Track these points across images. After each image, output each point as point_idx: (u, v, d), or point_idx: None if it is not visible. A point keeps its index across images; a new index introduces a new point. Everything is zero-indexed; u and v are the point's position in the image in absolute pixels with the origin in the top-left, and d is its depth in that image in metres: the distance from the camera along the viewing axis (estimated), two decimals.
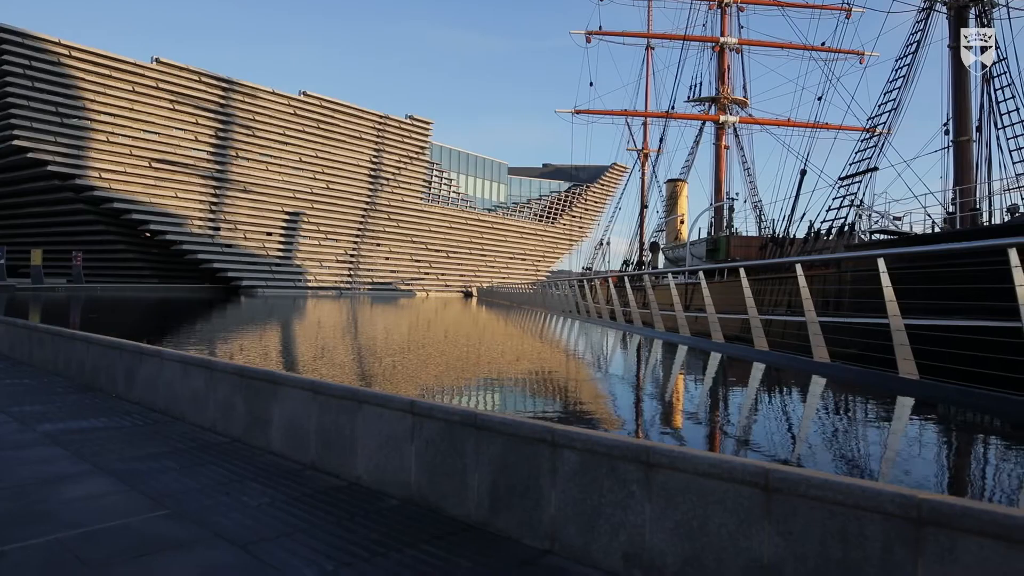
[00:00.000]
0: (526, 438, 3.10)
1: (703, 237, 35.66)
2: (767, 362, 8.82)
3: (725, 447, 4.77)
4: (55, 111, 46.87)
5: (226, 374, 5.23)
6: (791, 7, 36.75)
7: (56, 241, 51.73)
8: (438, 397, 6.96)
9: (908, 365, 6.28)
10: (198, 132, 54.43)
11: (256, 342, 14.49)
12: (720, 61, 38.72)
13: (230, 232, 57.20)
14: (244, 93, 56.97)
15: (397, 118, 69.76)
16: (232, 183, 56.92)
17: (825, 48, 32.14)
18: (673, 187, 43.45)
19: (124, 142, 50.16)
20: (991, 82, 19.72)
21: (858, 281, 13.64)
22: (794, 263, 8.98)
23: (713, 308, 10.53)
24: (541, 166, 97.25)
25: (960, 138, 19.97)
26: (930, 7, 20.64)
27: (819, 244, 21.33)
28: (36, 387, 7.42)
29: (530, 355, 12.85)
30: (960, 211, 18.11)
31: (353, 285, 67.43)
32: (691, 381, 8.85)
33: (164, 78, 51.87)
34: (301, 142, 61.33)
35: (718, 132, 38.86)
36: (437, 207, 77.15)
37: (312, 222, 63.44)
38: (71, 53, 47.25)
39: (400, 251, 72.81)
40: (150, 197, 51.64)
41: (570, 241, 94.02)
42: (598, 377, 9.30)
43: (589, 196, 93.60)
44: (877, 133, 21.11)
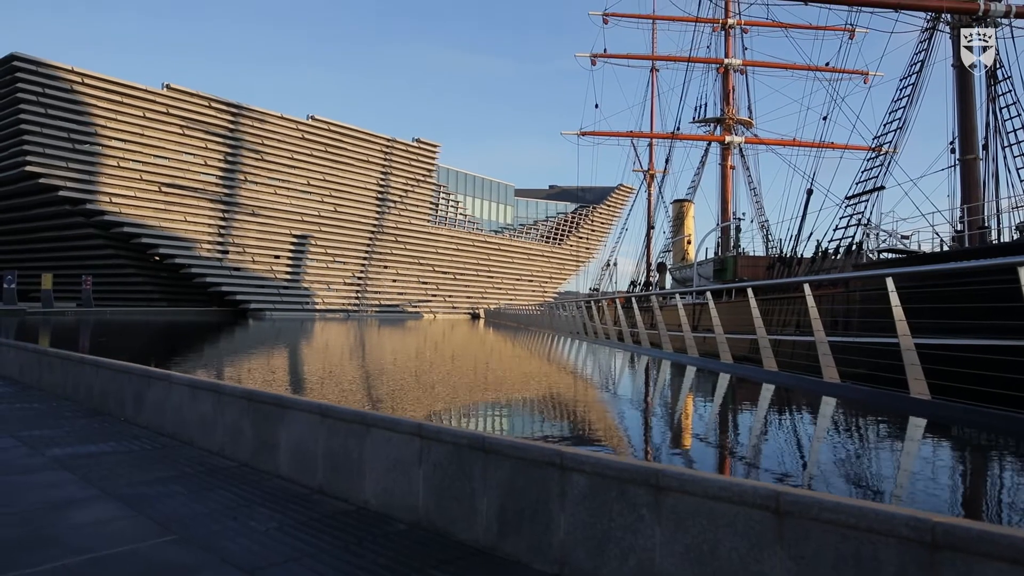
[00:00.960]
0: (535, 461, 3.08)
1: (710, 257, 35.61)
2: (776, 383, 8.77)
3: (735, 470, 4.72)
4: (67, 137, 47.49)
5: (234, 398, 5.24)
6: (794, 28, 37.01)
7: (66, 265, 52.12)
8: (446, 420, 6.93)
9: (919, 385, 6.23)
10: (207, 157, 55.00)
11: (264, 365, 14.51)
12: (725, 82, 38.94)
13: (238, 255, 57.53)
14: (253, 118, 57.62)
15: (404, 141, 70.33)
16: (241, 207, 57.37)
17: (829, 68, 32.31)
18: (679, 207, 43.48)
19: (135, 167, 50.71)
20: (996, 100, 19.75)
21: (867, 300, 13.57)
22: (802, 283, 8.96)
23: (721, 328, 10.49)
24: (547, 188, 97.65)
25: (966, 156, 19.96)
26: (933, 27, 20.74)
27: (827, 263, 21.26)
28: (45, 411, 7.44)
29: (538, 377, 12.81)
30: (968, 229, 18.03)
31: (360, 307, 67.55)
32: (700, 402, 8.80)
33: (175, 104, 52.55)
34: (309, 166, 61.85)
35: (724, 152, 38.95)
36: (444, 229, 77.45)
37: (320, 245, 63.76)
38: (84, 80, 47.97)
39: (407, 273, 73.00)
40: (159, 221, 52.08)
41: (577, 262, 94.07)
42: (606, 399, 9.26)
43: (596, 217, 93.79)
44: (883, 152, 21.12)
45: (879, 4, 20.92)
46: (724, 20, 38.32)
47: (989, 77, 20.04)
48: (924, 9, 20.65)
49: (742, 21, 38.12)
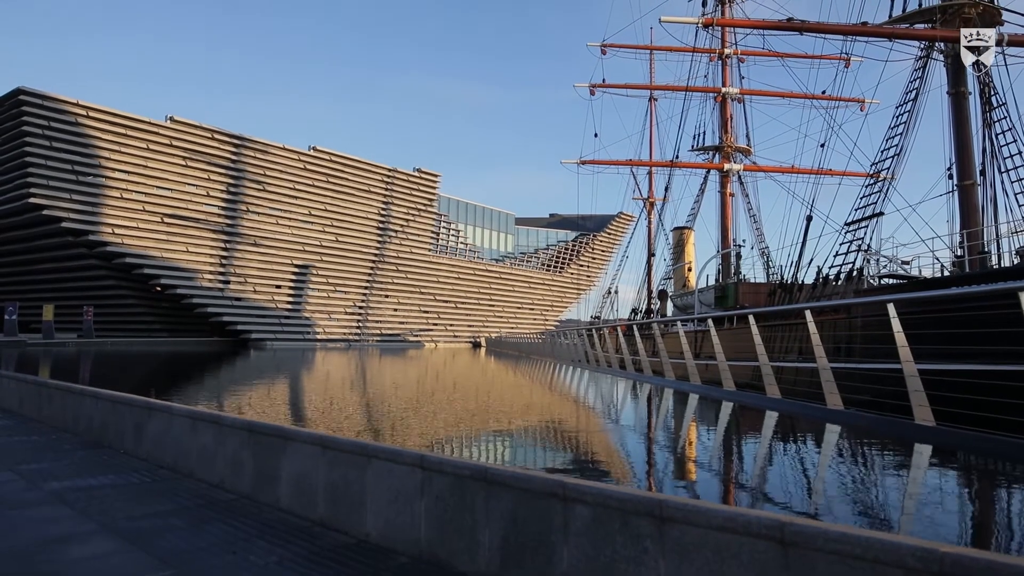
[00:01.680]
0: (537, 492, 3.06)
1: (711, 284, 35.63)
2: (780, 410, 8.72)
3: (740, 499, 4.68)
4: (71, 169, 47.89)
5: (235, 429, 5.21)
6: (790, 57, 37.46)
7: (68, 296, 52.20)
8: (448, 450, 6.89)
9: (924, 411, 6.19)
10: (210, 187, 55.39)
11: (265, 396, 14.45)
12: (723, 110, 39.34)
13: (240, 285, 57.63)
14: (255, 149, 58.14)
15: (405, 171, 70.85)
16: (242, 237, 57.62)
17: (825, 96, 32.64)
18: (680, 235, 43.63)
19: (137, 198, 51.05)
20: (991, 127, 19.93)
21: (869, 327, 13.55)
22: (804, 309, 8.95)
23: (723, 356, 10.46)
24: (548, 216, 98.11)
25: (964, 182, 20.09)
26: (927, 56, 21.02)
27: (828, 289, 21.26)
28: (44, 444, 7.40)
29: (540, 406, 12.74)
30: (968, 254, 18.07)
31: (361, 337, 67.45)
32: (703, 431, 8.74)
33: (178, 136, 53.07)
34: (311, 196, 62.24)
35: (723, 180, 39.20)
36: (445, 258, 77.65)
37: (321, 274, 63.89)
38: (88, 113, 48.52)
39: (408, 302, 73.02)
40: (161, 252, 52.27)
41: (578, 290, 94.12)
42: (609, 428, 9.20)
43: (596, 245, 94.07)
44: (881, 178, 21.25)
45: (873, 34, 21.22)
46: (721, 50, 38.83)
47: (984, 103, 20.26)
48: (917, 38, 20.95)
49: (739, 51, 38.64)
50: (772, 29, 24.78)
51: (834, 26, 22.06)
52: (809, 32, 22.30)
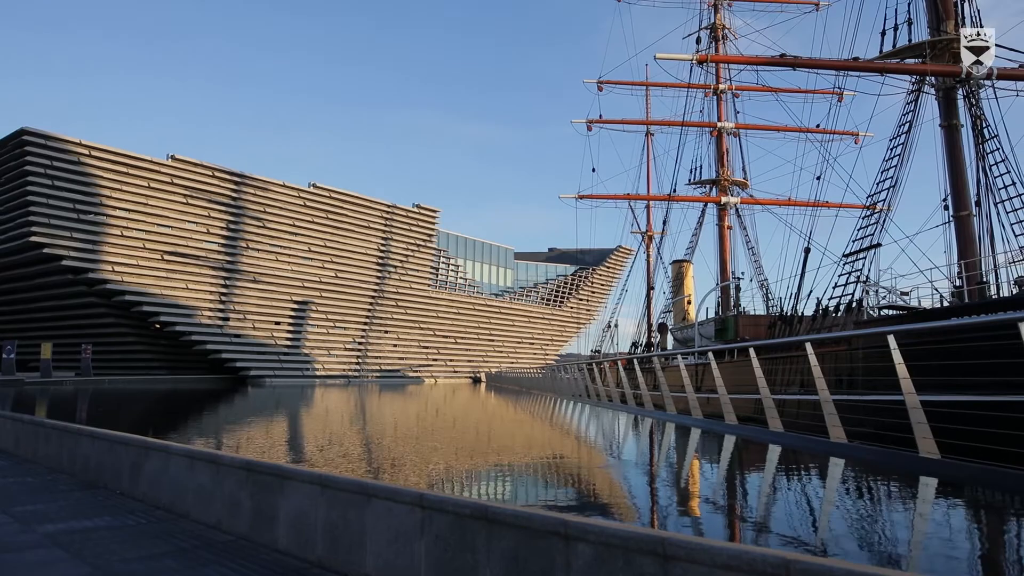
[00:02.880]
0: (538, 531, 3.01)
1: (711, 317, 35.61)
2: (783, 444, 8.64)
3: (744, 536, 4.61)
4: (72, 208, 48.15)
5: (232, 468, 5.15)
6: (784, 92, 37.98)
7: (66, 334, 52.05)
8: (448, 487, 6.81)
9: (928, 444, 6.14)
10: (210, 225, 55.65)
11: (263, 433, 14.33)
12: (719, 144, 39.75)
13: (239, 322, 57.54)
14: (255, 186, 58.55)
15: (404, 207, 71.28)
16: (242, 274, 57.71)
17: (820, 130, 32.97)
18: (678, 268, 43.74)
19: (138, 236, 51.25)
20: (984, 158, 20.11)
21: (870, 358, 13.51)
22: (804, 342, 8.93)
23: (725, 389, 10.41)
24: (547, 250, 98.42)
25: (960, 213, 20.21)
26: (919, 89, 21.30)
27: (828, 321, 21.23)
28: (39, 485, 7.31)
29: (541, 441, 12.63)
30: (967, 285, 18.10)
31: (361, 373, 67.12)
32: (706, 466, 8.65)
33: (179, 174, 53.50)
34: (310, 232, 62.51)
35: (720, 213, 39.43)
36: (444, 293, 77.70)
37: (320, 311, 63.85)
38: (91, 152, 48.96)
39: (408, 338, 72.84)
40: (161, 289, 52.30)
41: (578, 324, 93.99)
42: (611, 463, 9.10)
43: (595, 279, 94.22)
44: (878, 210, 21.38)
45: (865, 69, 21.56)
46: (715, 86, 39.41)
47: (976, 136, 20.48)
48: (909, 72, 21.27)
49: (733, 86, 39.20)
50: (765, 65, 25.20)
51: (826, 61, 22.41)
52: (802, 67, 22.63)
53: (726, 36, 39.97)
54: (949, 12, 20.86)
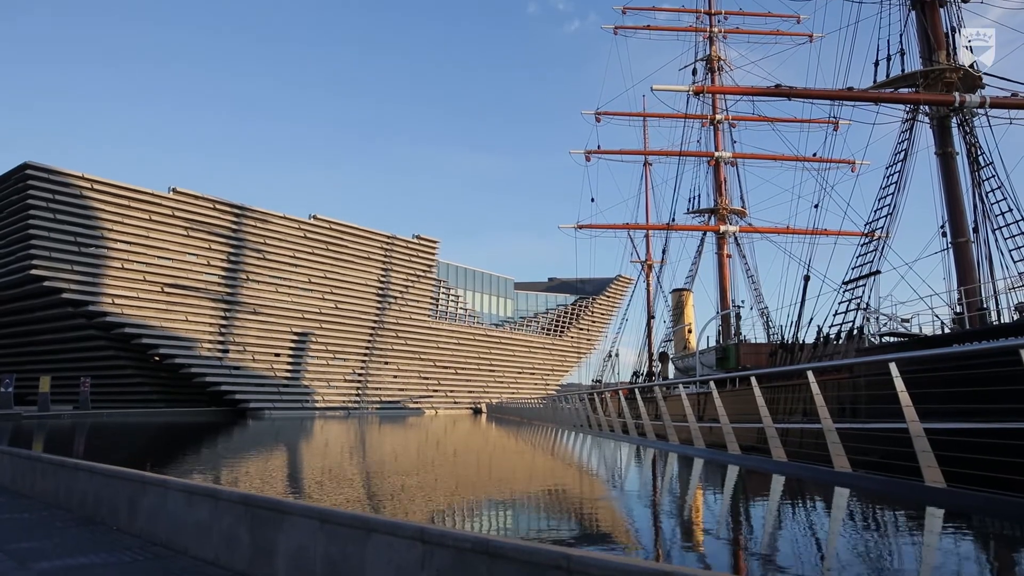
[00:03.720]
0: (540, 564, 2.97)
1: (712, 346, 35.54)
2: (786, 473, 8.56)
3: (751, 570, 4.54)
4: (74, 241, 48.31)
5: (231, 503, 5.09)
6: (780, 122, 38.40)
7: (65, 367, 51.85)
8: (449, 520, 6.72)
9: (933, 472, 6.08)
10: (210, 257, 55.78)
11: (262, 467, 14.20)
12: (716, 174, 40.06)
13: (239, 354, 57.36)
14: (256, 218, 58.81)
15: (404, 238, 71.53)
16: (242, 305, 57.69)
17: (816, 159, 33.27)
18: (678, 297, 43.79)
19: (138, 268, 51.33)
20: (980, 185, 20.26)
21: (872, 386, 13.44)
22: (805, 370, 8.90)
23: (727, 419, 10.34)
24: (547, 280, 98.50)
25: (958, 240, 20.29)
26: (913, 118, 21.53)
27: (829, 349, 21.18)
28: (36, 521, 7.22)
29: (542, 473, 12.51)
30: (968, 311, 18.09)
31: (361, 404, 66.72)
32: (710, 497, 8.56)
33: (180, 206, 53.78)
34: (310, 264, 62.63)
35: (719, 242, 39.60)
36: (444, 324, 77.60)
37: (320, 342, 63.69)
38: (93, 186, 49.28)
39: (408, 369, 72.56)
40: (161, 321, 52.22)
41: (578, 354, 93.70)
42: (613, 495, 9.01)
43: (596, 308, 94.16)
44: (876, 237, 21.46)
45: (859, 98, 21.82)
46: (712, 116, 39.87)
47: (972, 163, 20.65)
48: (903, 102, 21.53)
49: (730, 116, 39.64)
50: (761, 95, 25.50)
51: (821, 92, 22.69)
52: (797, 97, 22.92)
53: (721, 67, 40.56)
54: (940, 43, 21.19)
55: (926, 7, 21.56)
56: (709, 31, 40.39)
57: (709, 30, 40.36)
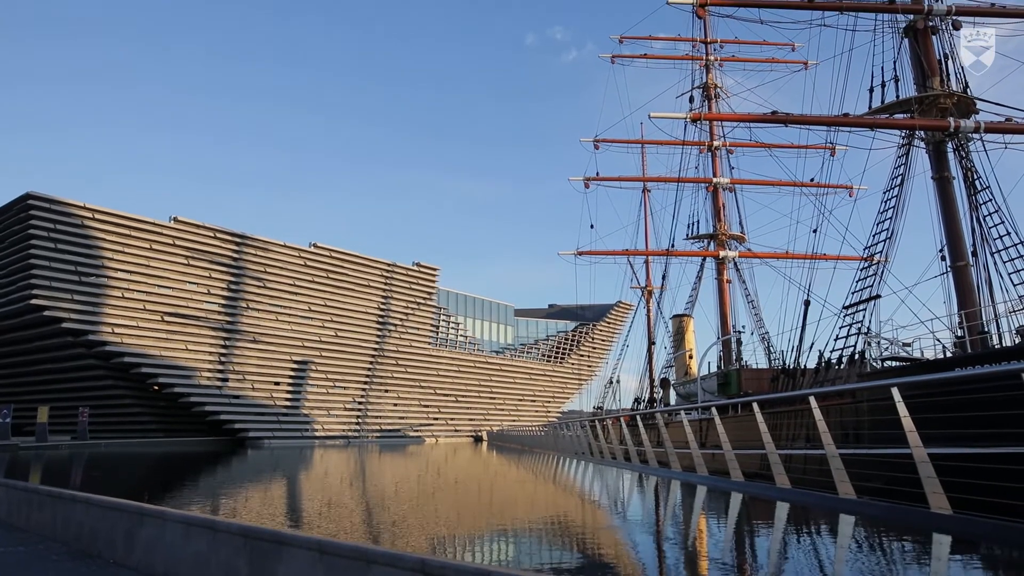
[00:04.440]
0: None
1: (713, 371, 35.41)
2: (791, 501, 8.47)
3: None
4: (74, 270, 48.36)
5: (229, 535, 5.03)
6: (777, 147, 38.69)
7: (64, 397, 51.61)
8: (450, 551, 6.64)
9: (939, 499, 6.02)
10: (211, 285, 55.82)
11: (261, 497, 14.05)
12: (715, 199, 40.26)
13: (238, 383, 57.12)
14: (256, 247, 58.97)
15: (404, 265, 71.65)
16: (242, 334, 57.59)
17: (814, 184, 33.44)
18: (679, 322, 43.74)
19: (139, 297, 51.33)
20: (978, 209, 20.34)
21: (876, 411, 13.37)
22: (807, 395, 8.85)
23: (729, 445, 10.26)
24: (547, 307, 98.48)
25: (957, 263, 20.32)
26: (909, 143, 21.70)
27: (831, 374, 21.10)
28: (31, 555, 7.12)
29: (544, 502, 12.38)
30: (969, 335, 18.06)
31: (361, 433, 66.28)
32: (714, 525, 8.46)
33: (181, 235, 53.95)
34: (311, 292, 62.65)
35: (719, 267, 39.65)
36: (445, 351, 77.39)
37: (320, 370, 63.47)
38: (94, 216, 49.48)
39: (408, 397, 72.22)
40: (161, 350, 52.10)
41: (579, 380, 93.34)
42: (615, 524, 8.90)
43: (596, 335, 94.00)
44: (875, 262, 21.50)
45: (855, 124, 22.01)
46: (710, 142, 40.19)
47: (968, 187, 20.77)
48: (898, 127, 21.72)
49: (727, 143, 39.96)
50: (757, 122, 25.75)
51: (817, 118, 22.90)
52: (793, 124, 23.12)
53: (718, 95, 41.01)
54: (934, 69, 21.45)
55: (918, 35, 21.87)
56: (705, 59, 40.88)
57: (705, 58, 40.86)
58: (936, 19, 21.82)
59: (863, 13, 22.79)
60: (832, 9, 22.80)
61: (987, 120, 20.66)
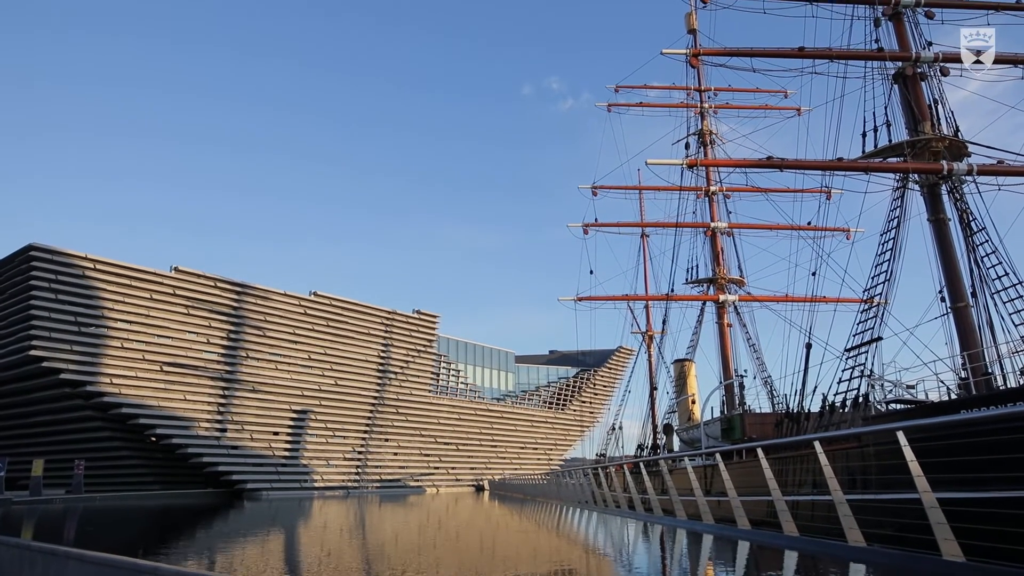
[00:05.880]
0: None
1: (716, 416, 35.05)
2: (799, 549, 8.28)
3: None
4: (74, 321, 48.32)
5: None
6: (774, 192, 39.07)
7: (60, 449, 50.97)
8: None
9: (950, 546, 5.88)
10: (211, 335, 55.71)
11: (258, 550, 13.75)
12: (713, 244, 40.45)
13: (237, 433, 56.51)
14: (256, 296, 59.06)
15: (404, 313, 71.61)
16: (241, 383, 57.24)
17: (811, 227, 33.66)
18: (681, 367, 43.47)
19: (138, 347, 51.17)
20: (975, 250, 20.43)
21: (882, 455, 13.17)
22: (812, 440, 8.74)
23: (735, 492, 10.09)
24: (548, 353, 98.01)
25: (957, 304, 20.30)
26: (903, 186, 21.92)
27: (835, 417, 20.87)
28: None
29: (547, 553, 12.10)
30: (973, 376, 17.93)
31: (361, 484, 65.29)
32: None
33: (181, 285, 54.08)
34: (310, 340, 62.49)
35: (719, 311, 39.61)
36: (445, 399, 76.79)
37: (320, 420, 62.88)
38: (96, 266, 49.70)
39: (409, 445, 71.36)
40: (159, 401, 51.70)
41: (581, 427, 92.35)
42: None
43: (597, 381, 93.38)
44: (875, 304, 21.48)
45: (849, 168, 22.28)
46: (707, 188, 40.58)
47: (964, 228, 20.90)
48: (892, 171, 21.98)
49: (723, 188, 40.37)
50: (753, 167, 26.09)
51: (811, 163, 23.17)
52: (788, 168, 23.39)
53: (714, 141, 41.58)
54: (924, 114, 21.82)
55: (908, 81, 22.31)
56: (700, 107, 41.60)
57: (700, 106, 41.58)
58: (924, 66, 22.30)
59: (852, 61, 23.28)
60: (822, 57, 23.31)
61: (979, 163, 20.92)
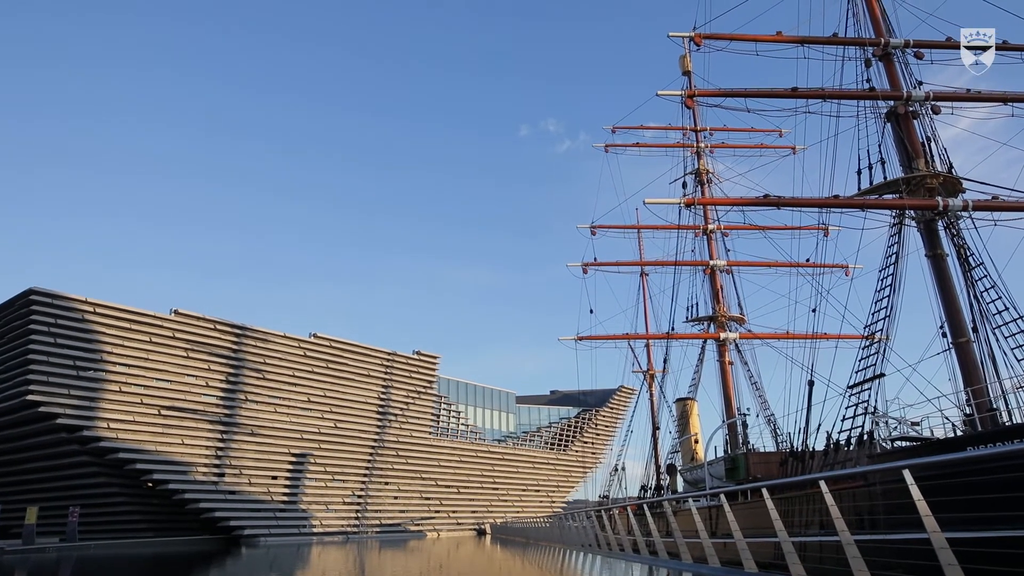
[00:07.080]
0: None
1: (720, 456, 34.60)
2: None
3: None
4: (72, 365, 48.06)
5: None
6: (771, 229, 39.25)
7: (54, 496, 50.19)
8: None
9: None
10: (209, 378, 55.36)
11: None
12: (713, 282, 40.48)
13: (235, 477, 55.71)
14: (256, 338, 58.84)
15: (404, 354, 71.28)
16: (240, 427, 56.68)
17: (810, 264, 33.67)
18: (683, 406, 43.08)
19: (136, 391, 50.82)
20: (974, 285, 20.42)
21: (889, 495, 12.94)
22: (818, 479, 8.59)
23: (741, 534, 9.88)
24: (549, 393, 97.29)
25: (959, 340, 20.20)
26: (900, 222, 22.02)
27: (840, 455, 20.58)
28: None
29: None
30: (978, 412, 17.75)
31: (360, 528, 64.15)
32: None
33: (181, 328, 53.93)
34: (310, 382, 62.09)
35: (720, 349, 39.43)
36: (446, 441, 75.94)
37: (319, 463, 62.09)
38: (95, 310, 49.62)
39: (409, 489, 70.33)
40: (156, 445, 51.11)
41: (584, 468, 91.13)
42: None
43: (599, 420, 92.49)
44: (877, 340, 21.37)
45: (846, 205, 22.41)
46: (704, 226, 40.80)
47: (962, 264, 20.92)
48: (888, 207, 22.11)
49: (721, 226, 40.59)
50: (750, 205, 26.25)
51: (808, 200, 23.31)
52: (785, 206, 23.52)
53: (710, 180, 41.94)
54: (918, 152, 22.04)
55: (900, 119, 22.59)
56: (696, 146, 42.07)
57: (696, 145, 42.06)
58: (916, 104, 22.60)
59: (845, 100, 23.61)
60: (815, 97, 23.64)
61: (974, 199, 21.06)
